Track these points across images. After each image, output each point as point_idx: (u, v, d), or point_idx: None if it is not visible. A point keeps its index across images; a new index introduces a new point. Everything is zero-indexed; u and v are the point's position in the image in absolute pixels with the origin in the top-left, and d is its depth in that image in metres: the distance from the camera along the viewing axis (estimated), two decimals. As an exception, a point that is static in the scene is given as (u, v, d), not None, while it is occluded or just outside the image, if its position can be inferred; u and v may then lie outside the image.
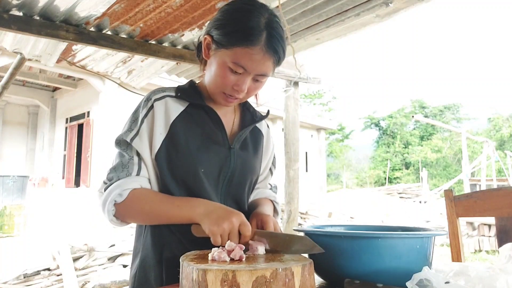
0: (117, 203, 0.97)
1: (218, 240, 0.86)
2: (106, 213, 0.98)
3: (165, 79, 7.40)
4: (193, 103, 1.07)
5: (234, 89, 1.00)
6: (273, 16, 0.98)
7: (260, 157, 1.19)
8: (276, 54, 0.97)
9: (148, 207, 0.98)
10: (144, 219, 1.03)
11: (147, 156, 1.02)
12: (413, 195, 17.26)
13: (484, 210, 1.44)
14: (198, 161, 1.02)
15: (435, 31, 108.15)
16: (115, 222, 1.00)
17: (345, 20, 2.84)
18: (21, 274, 4.52)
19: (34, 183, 11.36)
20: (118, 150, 1.04)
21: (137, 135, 1.02)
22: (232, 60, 0.96)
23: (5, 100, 12.22)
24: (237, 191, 1.11)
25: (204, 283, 0.67)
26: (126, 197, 0.97)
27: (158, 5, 2.55)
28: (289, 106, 4.51)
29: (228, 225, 0.87)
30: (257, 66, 0.97)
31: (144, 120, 1.03)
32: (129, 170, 1.00)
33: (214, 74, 1.00)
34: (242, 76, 0.98)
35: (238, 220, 0.88)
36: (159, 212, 0.98)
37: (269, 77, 1.04)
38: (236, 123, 1.15)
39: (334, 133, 32.86)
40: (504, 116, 31.35)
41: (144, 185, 1.01)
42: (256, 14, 0.95)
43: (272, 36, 0.95)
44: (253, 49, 0.94)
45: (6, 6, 2.38)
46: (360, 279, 0.79)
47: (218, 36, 0.98)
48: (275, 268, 0.68)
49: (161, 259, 1.02)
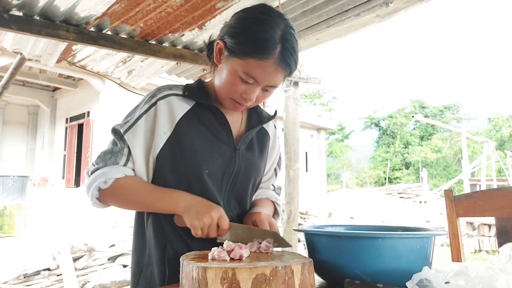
0: (101, 189, 1.01)
1: (199, 233, 0.94)
2: (90, 196, 1.02)
3: (165, 79, 7.37)
4: (199, 103, 1.07)
5: (243, 97, 1.00)
6: (289, 27, 0.97)
7: (265, 159, 1.19)
8: (288, 67, 0.97)
9: (132, 197, 1.03)
10: (128, 207, 1.07)
11: (137, 151, 1.03)
12: (413, 195, 17.26)
13: (484, 210, 1.44)
14: (202, 161, 1.02)
15: (435, 31, 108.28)
16: (98, 205, 1.05)
17: (345, 20, 2.84)
18: (21, 274, 4.52)
19: (34, 183, 11.36)
20: (113, 137, 1.06)
21: (130, 129, 1.03)
22: (244, 70, 0.95)
23: (5, 100, 12.23)
24: (241, 191, 1.11)
25: (204, 281, 0.67)
26: (111, 185, 1.00)
27: (158, 5, 2.55)
28: (289, 106, 4.51)
29: (208, 219, 0.94)
30: (268, 78, 0.97)
31: (143, 116, 1.04)
32: (117, 160, 1.02)
33: (225, 81, 1.00)
34: (252, 86, 0.98)
35: (217, 214, 0.95)
36: (142, 202, 1.04)
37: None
38: (243, 124, 1.15)
39: (334, 133, 32.85)
40: (504, 116, 31.35)
41: (128, 174, 1.03)
42: (272, 25, 0.94)
43: (286, 49, 0.94)
44: (266, 62, 0.93)
45: (6, 6, 2.38)
46: (360, 279, 0.79)
47: (231, 44, 0.97)
48: (275, 266, 0.68)
49: (164, 257, 1.02)
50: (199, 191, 1.02)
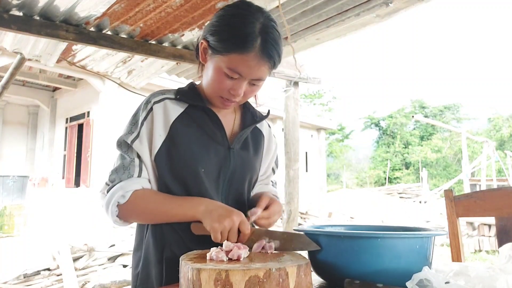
0: (120, 204, 0.99)
1: (218, 237, 0.90)
2: (110, 214, 1.01)
3: (165, 79, 7.40)
4: (192, 105, 1.09)
5: (231, 93, 1.01)
6: (269, 20, 0.98)
7: (260, 158, 1.20)
8: (271, 59, 0.97)
9: (151, 207, 1.01)
10: (147, 219, 1.05)
11: (147, 158, 1.04)
12: (413, 195, 17.29)
13: (484, 210, 1.44)
14: (198, 160, 1.03)
15: (435, 31, 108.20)
16: (119, 223, 1.03)
17: (345, 20, 2.84)
18: (21, 274, 4.52)
19: (34, 183, 11.36)
20: (119, 152, 1.06)
21: (138, 138, 1.04)
22: (227, 66, 0.97)
23: (5, 100, 12.23)
24: (238, 190, 1.12)
25: (198, 282, 0.67)
26: (129, 198, 0.99)
27: (158, 5, 2.55)
28: (289, 106, 4.52)
29: (229, 223, 0.90)
30: (252, 72, 0.98)
31: (144, 122, 1.05)
32: (130, 172, 1.02)
33: (211, 79, 1.02)
34: (238, 81, 0.99)
35: (238, 219, 0.92)
36: (162, 211, 1.01)
37: (270, 77, 1.05)
38: (236, 123, 1.17)
39: (334, 133, 32.85)
40: (504, 116, 31.34)
41: (145, 186, 1.03)
42: (251, 19, 0.95)
43: (267, 42, 0.95)
44: (248, 56, 0.95)
45: (6, 6, 2.38)
46: (360, 279, 0.79)
47: (213, 42, 0.98)
48: (269, 268, 0.68)
49: (162, 258, 1.03)
50: (197, 191, 1.02)
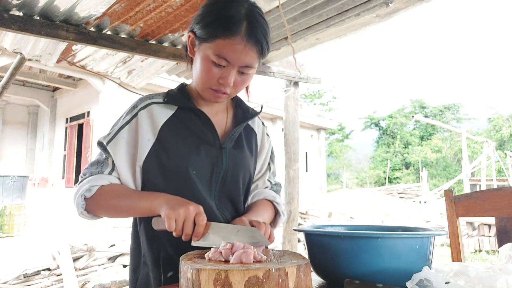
0: (86, 197, 1.00)
1: (173, 225, 0.86)
2: (76, 205, 1.02)
3: (165, 79, 7.40)
4: (182, 107, 1.07)
5: (220, 83, 0.99)
6: (254, 6, 0.98)
7: (254, 155, 1.17)
8: (259, 43, 0.95)
9: (115, 202, 1.01)
10: (111, 213, 1.04)
11: (120, 161, 1.03)
12: (413, 195, 17.28)
13: (484, 210, 1.44)
14: (189, 163, 1.02)
15: (435, 31, 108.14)
16: (85, 216, 1.04)
17: (345, 20, 2.84)
18: (21, 274, 4.52)
19: (34, 183, 11.36)
20: (99, 149, 1.07)
21: (112, 140, 1.04)
22: (214, 52, 0.95)
23: (5, 100, 12.23)
24: (232, 190, 1.09)
25: (198, 282, 0.67)
26: (95, 193, 1.00)
27: (158, 4, 2.55)
28: (289, 106, 4.51)
29: (184, 211, 0.86)
30: (240, 57, 0.95)
31: (125, 126, 1.04)
32: (102, 169, 1.03)
33: (199, 70, 1.00)
34: (226, 69, 0.97)
35: (195, 210, 0.88)
36: (124, 206, 1.00)
37: (270, 77, 1.04)
38: (229, 122, 1.14)
39: (334, 133, 32.85)
40: (504, 116, 31.32)
41: (113, 182, 1.03)
42: (235, 4, 0.95)
43: (253, 25, 0.94)
44: (234, 40, 0.93)
45: (6, 6, 2.38)
46: (360, 279, 0.79)
47: (199, 31, 0.98)
48: (268, 268, 0.67)
49: (159, 259, 1.02)
50: (188, 193, 0.99)
